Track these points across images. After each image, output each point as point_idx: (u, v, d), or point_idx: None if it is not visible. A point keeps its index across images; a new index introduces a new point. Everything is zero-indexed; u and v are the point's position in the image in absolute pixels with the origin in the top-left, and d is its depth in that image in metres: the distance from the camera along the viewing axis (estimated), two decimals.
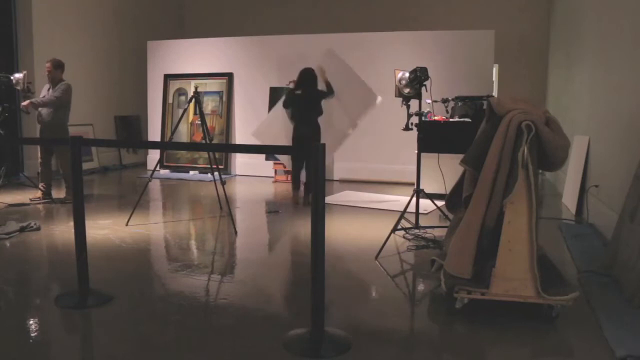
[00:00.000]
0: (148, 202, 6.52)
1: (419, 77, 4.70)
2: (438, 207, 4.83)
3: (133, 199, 5.54)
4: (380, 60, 7.84)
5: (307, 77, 6.30)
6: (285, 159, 7.69)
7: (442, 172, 5.48)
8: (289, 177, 8.09)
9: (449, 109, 6.79)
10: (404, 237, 4.67)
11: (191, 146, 8.17)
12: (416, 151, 4.79)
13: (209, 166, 6.15)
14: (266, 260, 4.35)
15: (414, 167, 4.81)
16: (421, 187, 4.68)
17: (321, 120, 6.40)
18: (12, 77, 6.23)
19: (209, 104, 8.94)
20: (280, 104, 6.77)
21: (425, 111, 5.70)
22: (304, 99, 6.26)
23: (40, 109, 6.02)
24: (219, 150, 8.62)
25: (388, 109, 7.35)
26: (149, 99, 9.51)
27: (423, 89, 4.68)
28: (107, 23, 9.55)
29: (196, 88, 6.04)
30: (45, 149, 6.18)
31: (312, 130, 6.22)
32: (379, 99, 6.94)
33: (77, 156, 3.15)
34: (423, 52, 7.57)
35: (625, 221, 3.51)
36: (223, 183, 5.48)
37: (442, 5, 9.82)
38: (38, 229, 4.89)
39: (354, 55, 8.14)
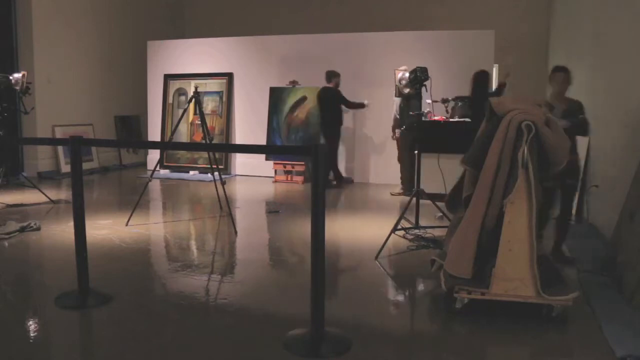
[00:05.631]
0: (148, 202, 6.52)
1: (419, 77, 4.70)
2: (438, 207, 4.82)
3: (133, 199, 5.54)
4: (380, 60, 7.83)
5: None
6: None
7: (442, 172, 5.47)
8: (289, 177, 8.10)
9: (449, 109, 6.77)
10: (404, 237, 4.66)
11: (191, 146, 8.16)
12: (416, 151, 4.79)
13: (209, 166, 6.15)
14: (266, 260, 4.35)
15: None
16: (421, 187, 4.68)
17: None
18: (11, 77, 6.23)
19: (209, 104, 8.94)
20: None
21: (425, 111, 5.69)
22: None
23: None
24: (219, 150, 8.61)
25: (389, 109, 7.38)
26: (149, 99, 9.50)
27: (423, 89, 4.69)
28: (107, 23, 9.55)
29: (196, 88, 6.02)
30: None
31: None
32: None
33: (76, 156, 3.15)
34: (423, 52, 7.56)
35: (625, 221, 3.51)
36: (223, 183, 5.48)
37: (442, 5, 9.81)
38: (38, 229, 4.88)
39: (354, 55, 8.16)
